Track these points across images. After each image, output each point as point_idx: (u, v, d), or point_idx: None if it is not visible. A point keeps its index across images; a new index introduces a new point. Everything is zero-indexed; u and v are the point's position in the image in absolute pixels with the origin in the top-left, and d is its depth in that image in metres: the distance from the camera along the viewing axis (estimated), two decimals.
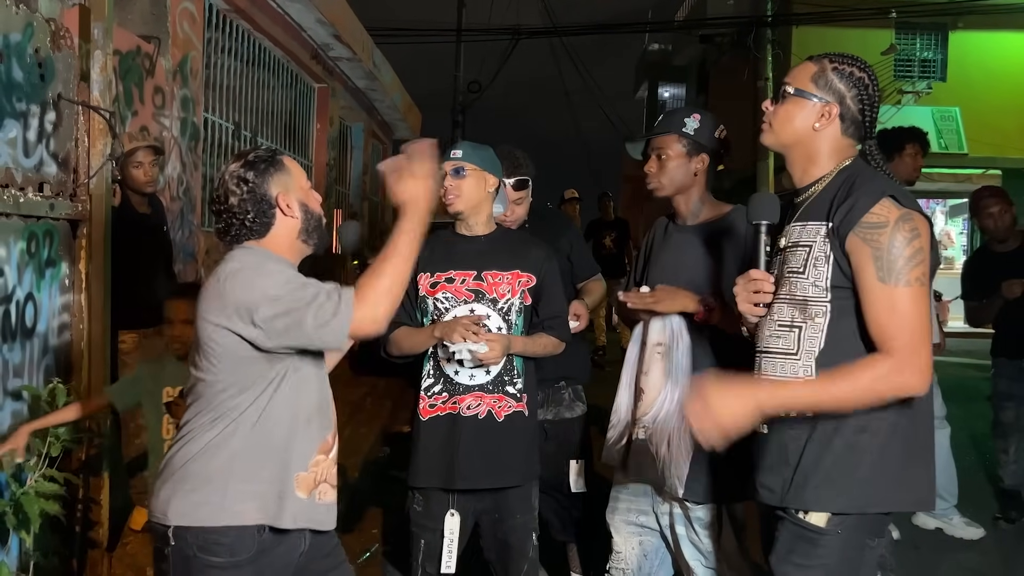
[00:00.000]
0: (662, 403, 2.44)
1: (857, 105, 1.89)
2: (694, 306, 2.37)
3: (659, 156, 2.47)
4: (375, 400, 6.97)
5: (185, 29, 5.28)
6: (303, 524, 1.91)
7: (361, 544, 4.02)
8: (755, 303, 1.93)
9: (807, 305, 1.84)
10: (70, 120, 3.23)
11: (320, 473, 1.95)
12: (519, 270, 2.57)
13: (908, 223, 1.76)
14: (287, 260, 1.96)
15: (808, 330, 1.84)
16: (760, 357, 1.95)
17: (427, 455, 2.54)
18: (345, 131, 11.44)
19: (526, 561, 2.60)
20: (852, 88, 1.89)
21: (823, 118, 1.89)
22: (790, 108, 1.92)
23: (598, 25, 17.40)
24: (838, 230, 1.80)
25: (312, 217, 1.98)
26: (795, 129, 1.92)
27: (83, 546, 3.19)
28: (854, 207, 1.78)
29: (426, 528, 2.57)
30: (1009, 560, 3.99)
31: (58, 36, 3.14)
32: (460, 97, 19.54)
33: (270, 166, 1.93)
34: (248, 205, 1.90)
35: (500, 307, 2.54)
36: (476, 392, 2.52)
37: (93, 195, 3.25)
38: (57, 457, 2.65)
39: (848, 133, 1.91)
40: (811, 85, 1.90)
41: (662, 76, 24.89)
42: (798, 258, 1.87)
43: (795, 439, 1.85)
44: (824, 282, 1.83)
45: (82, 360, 3.22)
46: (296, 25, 7.80)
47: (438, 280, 2.55)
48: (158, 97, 4.88)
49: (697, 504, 2.40)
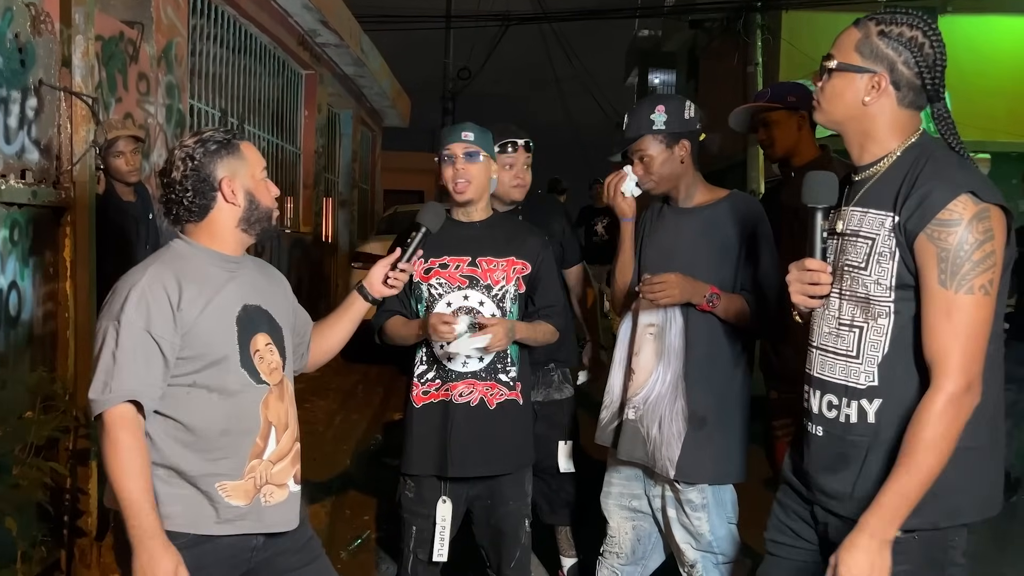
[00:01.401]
0: (653, 384, 2.44)
1: (912, 69, 1.67)
2: (699, 299, 2.35)
3: (641, 159, 2.46)
4: (367, 387, 6.96)
5: (169, 15, 5.22)
6: (242, 530, 1.88)
7: (353, 531, 4.01)
8: (810, 295, 1.75)
9: (869, 304, 1.69)
10: (52, 106, 3.19)
11: (260, 477, 1.91)
12: (514, 257, 2.55)
13: (983, 223, 1.58)
14: (212, 256, 1.90)
15: (870, 332, 1.70)
16: (817, 353, 1.81)
17: (420, 442, 2.52)
18: (334, 118, 11.37)
19: (519, 547, 2.59)
20: (903, 51, 1.66)
21: (873, 90, 1.68)
22: (836, 84, 1.73)
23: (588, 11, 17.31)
24: (906, 226, 1.63)
25: (257, 208, 1.92)
26: (845, 105, 1.72)
27: (72, 535, 3.17)
28: (926, 201, 1.60)
29: (418, 514, 2.55)
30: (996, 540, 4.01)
31: (39, 21, 3.10)
32: (450, 84, 19.47)
33: (222, 148, 1.87)
34: (189, 183, 1.85)
35: (494, 294, 2.52)
36: (469, 379, 2.50)
37: (77, 182, 3.22)
38: (42, 447, 2.63)
39: (907, 103, 1.70)
40: (855, 55, 1.70)
41: (652, 62, 24.83)
42: (859, 251, 1.71)
43: (855, 446, 1.72)
44: (888, 280, 1.66)
45: (68, 348, 3.20)
46: (282, 11, 7.72)
47: (432, 266, 2.52)
48: (142, 83, 4.82)
49: (688, 486, 2.39)
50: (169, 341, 1.79)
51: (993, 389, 1.66)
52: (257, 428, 1.91)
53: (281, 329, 2.00)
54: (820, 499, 1.79)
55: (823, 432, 1.78)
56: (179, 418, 1.84)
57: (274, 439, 1.94)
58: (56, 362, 3.17)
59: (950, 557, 1.71)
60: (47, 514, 2.94)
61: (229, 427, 1.87)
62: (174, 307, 1.80)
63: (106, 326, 1.79)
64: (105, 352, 1.77)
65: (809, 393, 1.83)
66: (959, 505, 1.67)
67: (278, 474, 1.95)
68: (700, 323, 2.39)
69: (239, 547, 1.90)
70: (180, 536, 1.81)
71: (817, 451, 1.79)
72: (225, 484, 1.86)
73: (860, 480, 1.70)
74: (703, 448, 2.37)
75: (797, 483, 1.87)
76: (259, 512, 1.90)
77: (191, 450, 1.84)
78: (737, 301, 2.38)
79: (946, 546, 1.70)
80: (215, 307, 1.86)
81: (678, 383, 2.40)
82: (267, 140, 8.32)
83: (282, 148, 8.86)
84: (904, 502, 1.60)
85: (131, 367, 1.75)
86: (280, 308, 2.02)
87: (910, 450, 1.60)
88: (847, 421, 1.73)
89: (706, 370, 2.39)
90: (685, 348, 2.40)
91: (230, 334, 1.87)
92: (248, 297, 1.93)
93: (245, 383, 1.89)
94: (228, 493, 1.86)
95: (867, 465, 1.70)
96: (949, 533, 1.70)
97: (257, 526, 1.91)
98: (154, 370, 1.78)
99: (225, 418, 1.86)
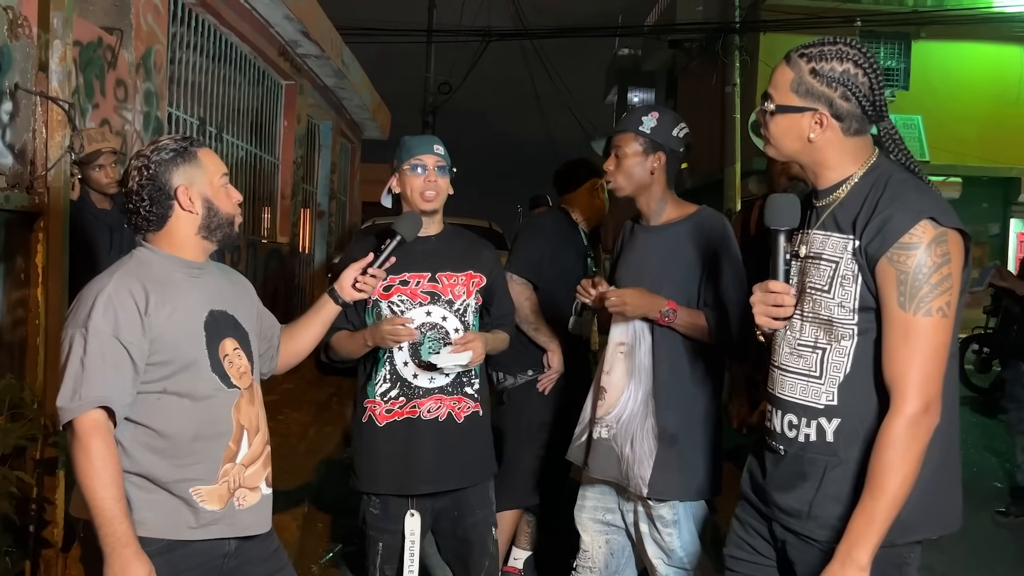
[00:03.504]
0: (626, 402, 2.45)
1: (850, 101, 1.69)
2: (654, 314, 2.38)
3: (616, 154, 2.48)
4: (340, 400, 6.91)
5: (149, 22, 5.20)
6: (216, 535, 1.87)
7: (324, 544, 3.98)
8: (773, 316, 1.76)
9: (832, 326, 1.71)
10: (27, 111, 3.16)
11: (234, 481, 1.90)
12: (472, 270, 2.56)
13: (941, 246, 1.60)
14: (175, 263, 1.89)
15: (833, 353, 1.71)
16: (778, 373, 1.82)
17: (385, 461, 2.49)
18: (313, 129, 11.35)
19: (487, 557, 2.59)
20: (837, 86, 1.68)
21: (817, 126, 1.71)
22: (779, 123, 1.76)
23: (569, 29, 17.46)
24: (867, 250, 1.65)
25: (216, 215, 1.90)
26: (793, 142, 1.75)
27: (37, 546, 3.11)
28: (887, 226, 1.62)
29: (385, 531, 2.53)
30: (966, 558, 4.05)
31: (16, 24, 3.07)
32: (431, 98, 19.50)
33: (178, 156, 1.86)
34: (145, 193, 1.84)
35: (456, 308, 2.52)
36: (436, 395, 2.50)
37: (51, 187, 3.18)
38: (9, 455, 2.59)
39: (853, 131, 1.71)
40: (792, 96, 1.72)
41: (631, 80, 25.07)
42: (822, 274, 1.72)
43: (813, 464, 1.74)
44: (852, 303, 1.68)
45: (37, 356, 3.15)
46: (264, 21, 7.71)
47: (391, 283, 2.49)
48: (120, 90, 4.79)
49: (660, 502, 2.40)
50: (138, 347, 1.77)
51: (947, 407, 1.67)
52: (229, 432, 1.90)
53: (247, 334, 1.99)
54: (778, 516, 1.81)
55: (783, 451, 1.80)
56: (151, 424, 1.82)
57: (246, 442, 1.94)
58: (25, 369, 3.13)
59: (904, 573, 1.73)
60: (12, 524, 2.88)
61: (201, 432, 1.85)
62: (142, 312, 1.78)
63: (72, 333, 1.76)
64: (73, 359, 1.74)
65: (771, 412, 1.85)
66: (913, 522, 1.68)
67: (251, 477, 1.94)
68: (667, 342, 2.41)
69: (212, 553, 1.88)
70: (154, 542, 1.79)
71: (776, 469, 1.81)
72: (200, 489, 1.84)
73: (817, 498, 1.72)
74: (673, 465, 2.38)
75: (755, 499, 1.89)
76: (233, 516, 1.89)
77: (164, 456, 1.82)
78: (697, 316, 2.39)
79: (900, 563, 1.72)
80: (182, 312, 1.85)
81: (648, 401, 2.42)
82: (246, 150, 8.28)
83: (261, 158, 8.83)
84: (872, 526, 1.61)
85: (100, 373, 1.73)
86: (245, 313, 2.02)
87: (873, 474, 1.62)
88: (806, 440, 1.76)
89: (674, 388, 2.41)
90: (653, 366, 2.42)
91: (198, 339, 1.86)
92: (214, 303, 1.92)
93: (216, 387, 1.88)
94: (203, 498, 1.85)
95: (824, 484, 1.72)
96: (903, 550, 1.72)
97: (231, 530, 1.89)
98: (124, 376, 1.76)
99: (197, 423, 1.85)
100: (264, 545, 1.99)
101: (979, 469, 5.70)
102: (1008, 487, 5.15)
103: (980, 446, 6.38)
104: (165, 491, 1.82)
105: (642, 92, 25.27)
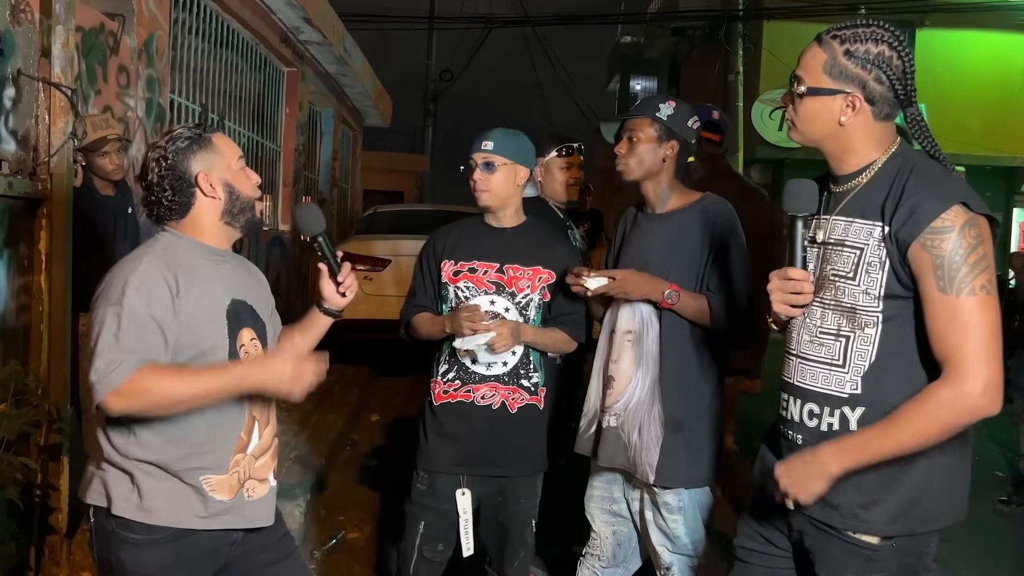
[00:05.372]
0: (633, 391, 2.45)
1: (884, 84, 1.66)
2: (657, 296, 2.37)
3: (630, 139, 2.47)
4: (343, 388, 6.92)
5: (151, 8, 5.17)
6: (225, 525, 1.88)
7: (327, 531, 3.99)
8: (792, 304, 1.75)
9: (856, 314, 1.68)
10: (30, 97, 3.15)
11: (244, 472, 1.90)
12: (541, 266, 2.57)
13: (973, 229, 1.59)
14: (200, 248, 1.88)
15: (857, 341, 1.69)
16: (796, 361, 1.79)
17: (438, 438, 2.56)
18: (315, 116, 11.31)
19: (523, 547, 2.61)
20: (872, 68, 1.66)
21: (849, 109, 1.68)
22: (809, 107, 1.72)
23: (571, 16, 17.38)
24: (897, 236, 1.62)
25: (238, 199, 1.90)
26: (822, 125, 1.72)
27: (42, 532, 3.13)
28: (918, 211, 1.60)
29: (428, 508, 2.56)
30: (967, 547, 4.06)
31: (18, 10, 3.06)
32: (432, 85, 19.43)
33: (193, 143, 1.86)
34: (166, 183, 1.84)
35: (518, 301, 2.55)
36: (491, 382, 2.55)
37: (54, 174, 3.17)
38: (14, 441, 2.59)
39: (883, 116, 1.70)
40: (824, 78, 1.69)
41: (634, 68, 24.95)
42: (846, 261, 1.70)
43: None
44: (877, 290, 1.66)
45: (41, 342, 3.15)
46: (265, 7, 7.67)
47: (461, 269, 2.57)
48: (122, 76, 4.77)
49: (666, 489, 2.41)
50: (170, 327, 1.77)
51: None
52: (242, 422, 1.90)
53: (264, 325, 2.00)
54: None
55: (802, 440, 1.77)
56: None
57: (257, 433, 1.94)
58: (29, 356, 3.13)
59: (923, 563, 1.73)
60: (16, 510, 2.89)
61: (215, 420, 1.85)
62: (173, 294, 1.78)
63: (104, 312, 1.74)
64: (106, 335, 1.71)
65: (788, 401, 1.82)
66: (937, 512, 1.69)
67: (260, 469, 1.95)
68: (675, 329, 2.41)
69: (220, 541, 1.89)
70: (163, 530, 1.80)
71: None
72: (210, 478, 1.85)
73: (840, 486, 1.69)
74: (679, 452, 2.38)
75: (771, 489, 1.85)
76: (242, 507, 1.90)
77: (176, 444, 1.82)
78: (699, 300, 2.39)
79: (920, 552, 1.72)
80: (207, 298, 1.85)
81: (655, 388, 2.42)
82: (247, 137, 8.26)
83: (262, 145, 8.80)
84: (862, 452, 1.62)
85: (137, 341, 1.72)
86: (263, 305, 2.02)
87: (896, 417, 1.61)
88: (829, 429, 1.73)
89: (681, 375, 2.41)
90: (660, 353, 2.42)
91: (220, 327, 1.86)
92: (235, 291, 1.92)
93: None
94: (212, 487, 1.85)
95: (851, 477, 1.68)
96: (924, 539, 1.72)
97: (239, 521, 1.90)
98: (157, 351, 1.75)
99: (212, 411, 1.84)
100: (271, 532, 2.00)
101: (981, 458, 5.71)
102: (1010, 476, 5.17)
103: (983, 435, 6.40)
104: (176, 479, 1.82)
105: (644, 80, 25.16)
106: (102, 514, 1.83)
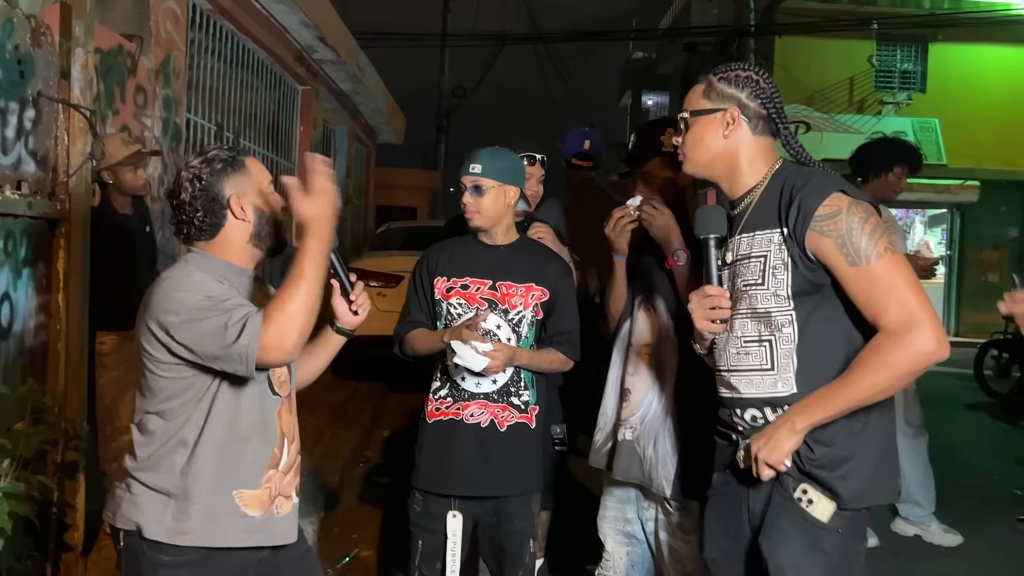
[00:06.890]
0: (650, 403, 2.45)
1: (755, 101, 1.89)
2: (669, 247, 2.39)
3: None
4: (356, 404, 6.93)
5: (168, 28, 5.24)
6: (258, 542, 1.88)
7: (341, 549, 3.99)
8: (712, 319, 1.89)
9: (771, 317, 1.82)
10: (50, 118, 3.19)
11: (275, 488, 1.91)
12: (534, 283, 2.57)
13: (857, 206, 1.76)
14: (228, 268, 1.90)
15: (779, 343, 1.82)
16: (728, 376, 1.91)
17: (429, 457, 2.56)
18: (329, 134, 11.39)
19: (521, 567, 2.59)
20: (744, 88, 1.89)
21: (728, 125, 1.89)
22: (695, 131, 1.93)
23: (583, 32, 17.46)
24: (794, 232, 1.78)
25: (267, 222, 1.93)
26: (708, 146, 1.92)
27: (57, 549, 3.14)
28: (804, 204, 1.76)
29: (424, 528, 2.56)
30: (985, 566, 4.02)
31: (39, 33, 3.10)
32: (445, 102, 19.55)
33: (228, 166, 1.88)
34: (199, 204, 1.86)
35: (511, 318, 2.55)
36: (480, 400, 2.54)
37: (72, 194, 3.21)
38: (31, 459, 2.61)
39: (760, 130, 1.90)
40: (704, 102, 1.92)
41: (646, 84, 24.99)
42: (754, 270, 1.85)
43: None
44: (785, 290, 1.80)
45: (59, 361, 3.18)
46: (280, 27, 7.75)
47: (454, 285, 2.57)
48: (140, 96, 4.83)
49: (680, 510, 2.40)
50: None
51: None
52: (275, 438, 1.92)
53: None
54: None
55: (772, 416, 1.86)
56: (204, 425, 1.83)
57: (286, 450, 1.96)
58: (47, 374, 3.16)
59: (862, 538, 1.88)
60: (33, 528, 2.91)
61: (252, 434, 1.87)
62: None
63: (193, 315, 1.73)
64: (216, 324, 1.71)
65: (731, 415, 1.93)
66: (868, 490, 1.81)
67: (287, 485, 1.96)
68: None
69: (248, 559, 1.90)
70: (194, 551, 1.80)
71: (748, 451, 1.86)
72: (243, 493, 1.86)
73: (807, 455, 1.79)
74: (695, 466, 2.37)
75: (734, 483, 1.94)
76: (271, 524, 1.91)
77: (214, 458, 1.83)
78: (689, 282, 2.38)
79: (858, 528, 1.85)
80: None
81: (671, 401, 2.41)
82: (262, 155, 8.33)
83: (277, 163, 8.87)
84: (822, 406, 1.73)
85: (239, 307, 1.75)
86: None
87: (852, 371, 1.72)
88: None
89: (698, 388, 2.40)
90: (679, 366, 2.41)
91: None
92: None
93: (265, 393, 1.91)
94: (245, 503, 1.86)
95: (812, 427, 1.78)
96: (859, 515, 1.84)
97: (268, 538, 1.91)
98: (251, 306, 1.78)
99: (249, 426, 1.86)
100: (294, 548, 2.00)
101: (999, 476, 5.64)
102: None
103: (1000, 452, 6.32)
104: (211, 496, 1.82)
105: (656, 95, 25.19)
106: (133, 537, 1.83)
